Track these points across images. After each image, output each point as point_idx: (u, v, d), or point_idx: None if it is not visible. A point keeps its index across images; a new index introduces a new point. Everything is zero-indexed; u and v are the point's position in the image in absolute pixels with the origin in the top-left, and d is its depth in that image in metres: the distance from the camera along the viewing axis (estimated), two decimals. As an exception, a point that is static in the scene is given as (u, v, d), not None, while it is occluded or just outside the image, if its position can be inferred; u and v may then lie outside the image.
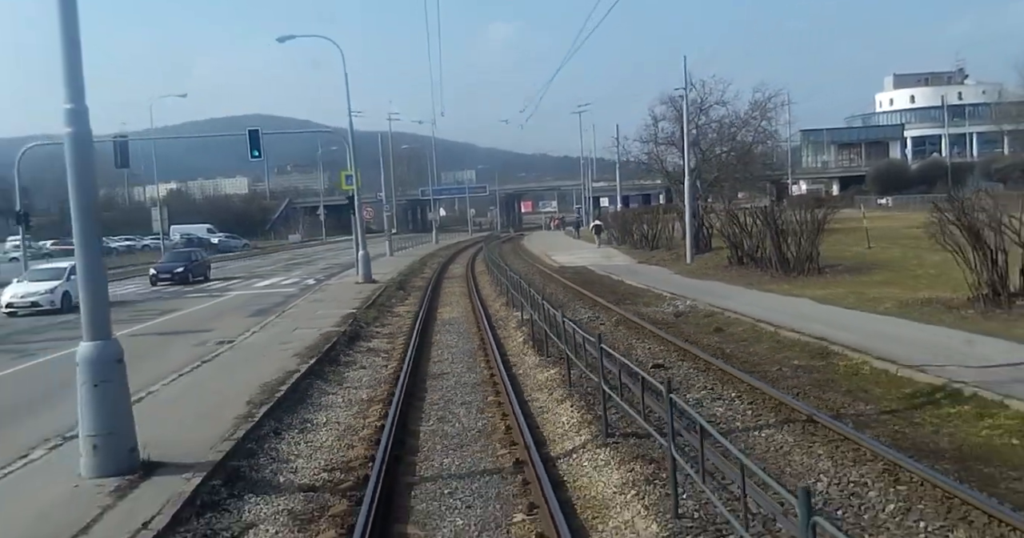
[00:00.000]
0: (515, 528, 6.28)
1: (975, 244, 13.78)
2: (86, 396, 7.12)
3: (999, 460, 6.71)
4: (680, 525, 5.66)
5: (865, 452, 6.99)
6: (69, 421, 8.12)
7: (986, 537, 5.30)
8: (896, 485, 6.28)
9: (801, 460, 7.15)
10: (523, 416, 9.25)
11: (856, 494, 6.25)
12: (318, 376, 12.05)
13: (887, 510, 5.89)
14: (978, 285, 13.82)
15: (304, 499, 7.11)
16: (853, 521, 5.75)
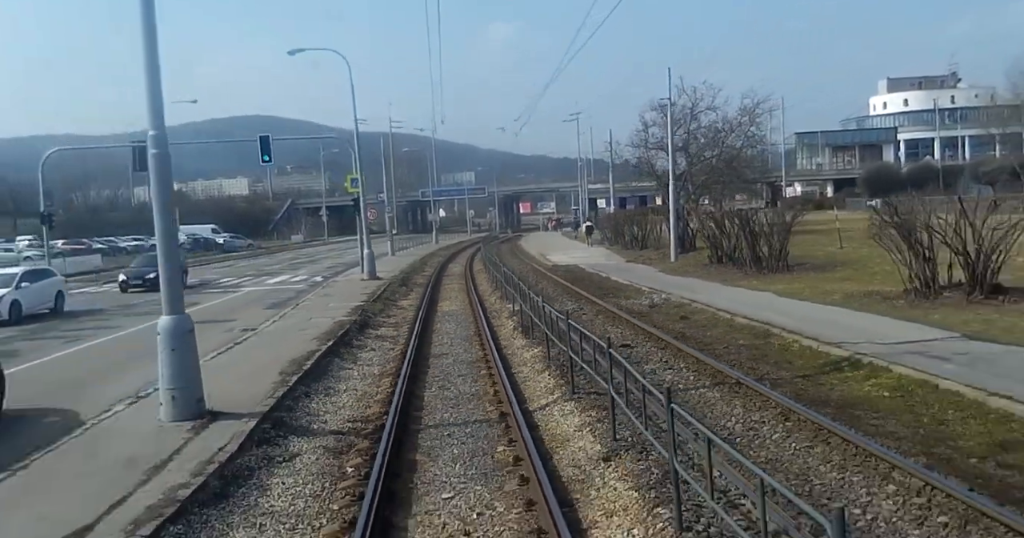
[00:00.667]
0: (498, 454, 8.37)
1: (908, 243, 15.89)
2: (166, 358, 9.22)
3: (868, 406, 8.82)
4: (617, 445, 7.77)
5: (770, 402, 9.09)
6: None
7: (835, 451, 7.40)
8: (784, 422, 8.39)
9: (721, 408, 9.27)
10: (509, 383, 11.35)
11: (754, 429, 8.37)
12: (336, 355, 14.14)
13: (772, 437, 8.01)
14: (910, 279, 15.93)
15: (335, 439, 9.20)
16: (746, 443, 7.85)
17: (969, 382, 8.95)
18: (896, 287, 16.88)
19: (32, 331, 19.38)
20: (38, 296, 22.38)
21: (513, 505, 6.88)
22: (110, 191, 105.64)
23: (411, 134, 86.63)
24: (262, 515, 6.85)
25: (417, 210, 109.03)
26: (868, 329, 12.91)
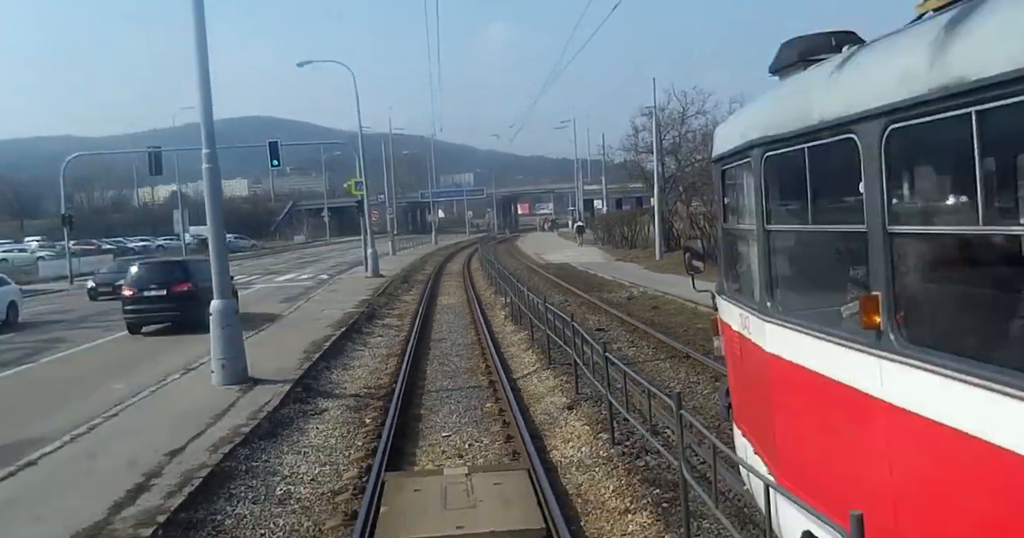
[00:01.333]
0: (486, 408, 10.57)
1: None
2: (217, 334, 11.43)
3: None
4: (578, 398, 9.99)
5: (708, 369, 11.28)
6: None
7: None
8: (715, 382, 10.59)
9: (669, 373, 11.51)
10: (498, 359, 13.56)
11: (690, 387, 10.59)
12: (348, 339, 16.35)
13: (704, 393, 10.21)
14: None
15: (354, 400, 11.40)
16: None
17: None
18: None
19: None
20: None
21: (496, 439, 9.09)
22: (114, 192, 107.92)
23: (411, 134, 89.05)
24: (304, 447, 9.04)
25: (417, 211, 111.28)
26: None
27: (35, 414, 10.55)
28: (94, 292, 27.71)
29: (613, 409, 8.11)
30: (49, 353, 16.39)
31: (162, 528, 6.21)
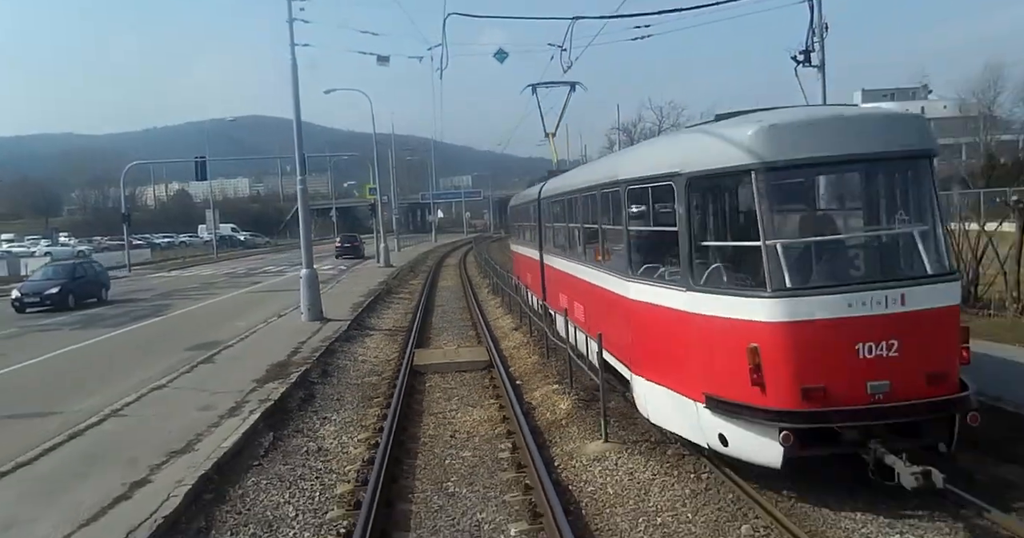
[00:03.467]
0: (470, 334, 18.12)
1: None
2: (305, 290, 19.03)
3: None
4: (520, 324, 17.57)
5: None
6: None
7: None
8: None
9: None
10: (479, 312, 21.10)
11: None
12: (377, 303, 23.88)
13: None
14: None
15: (387, 332, 18.92)
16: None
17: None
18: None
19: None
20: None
21: (473, 341, 16.64)
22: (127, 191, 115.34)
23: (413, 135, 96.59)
24: (366, 346, 16.56)
25: (417, 211, 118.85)
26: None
27: (204, 333, 18.11)
28: (19, 303, 25.67)
29: (534, 325, 15.65)
30: (168, 311, 24.04)
31: (309, 364, 13.74)
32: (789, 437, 6.31)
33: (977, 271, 15.48)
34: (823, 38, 19.44)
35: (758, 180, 6.74)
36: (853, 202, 7.97)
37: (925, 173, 7.01)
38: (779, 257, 6.58)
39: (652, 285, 8.16)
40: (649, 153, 9.31)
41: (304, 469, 8.59)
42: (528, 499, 7.33)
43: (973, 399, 6.60)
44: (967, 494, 6.59)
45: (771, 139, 6.74)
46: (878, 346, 6.39)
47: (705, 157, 7.25)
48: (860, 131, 6.88)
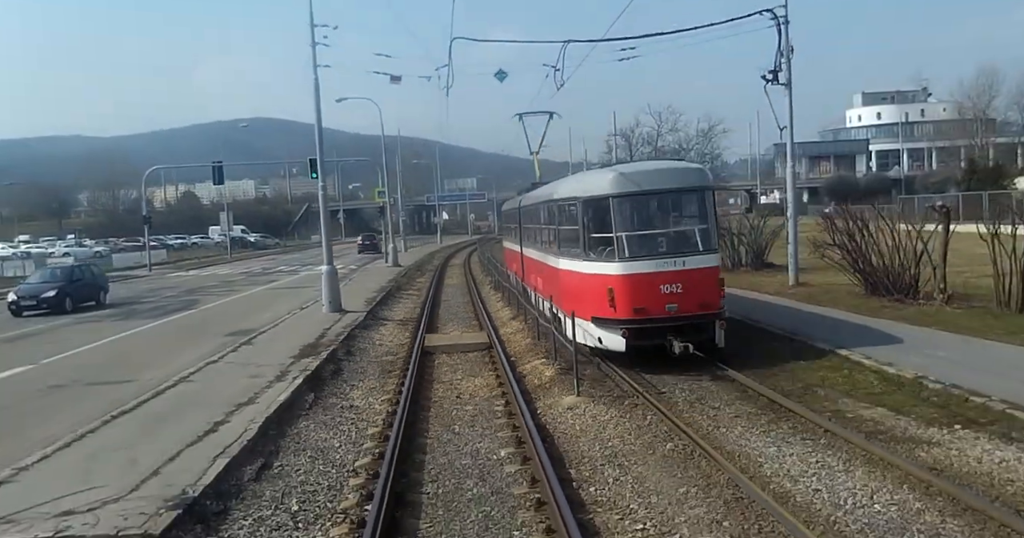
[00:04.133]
0: (473, 322, 20.61)
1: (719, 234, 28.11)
2: (326, 285, 21.56)
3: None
4: (518, 313, 20.06)
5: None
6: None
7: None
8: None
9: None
10: (481, 304, 23.59)
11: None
12: (389, 298, 26.39)
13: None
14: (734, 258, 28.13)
15: (399, 322, 21.41)
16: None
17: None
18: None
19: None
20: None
21: (480, 327, 19.10)
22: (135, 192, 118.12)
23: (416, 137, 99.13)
24: (382, 333, 19.04)
25: (423, 213, 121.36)
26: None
27: (237, 323, 20.61)
28: (16, 307, 25.74)
29: (528, 314, 18.11)
30: (198, 305, 26.58)
31: (335, 345, 16.20)
32: (627, 333, 12.07)
33: (917, 267, 17.87)
34: (789, 60, 21.92)
35: (612, 202, 12.59)
36: (663, 213, 13.35)
37: (702, 198, 12.91)
38: (623, 242, 12.38)
39: (569, 258, 13.74)
40: (568, 184, 15.39)
41: (341, 418, 11.06)
42: (515, 434, 9.78)
43: (724, 315, 12.47)
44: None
45: (618, 181, 12.68)
46: (671, 287, 12.10)
47: (592, 188, 13.18)
48: (666, 177, 13.23)
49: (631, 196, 12.69)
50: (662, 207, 13.28)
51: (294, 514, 7.41)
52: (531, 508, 7.30)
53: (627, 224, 12.65)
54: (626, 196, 12.62)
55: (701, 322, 12.20)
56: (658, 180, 12.98)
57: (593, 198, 12.94)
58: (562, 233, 14.42)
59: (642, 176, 12.89)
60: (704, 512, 6.87)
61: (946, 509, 6.54)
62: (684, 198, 13.26)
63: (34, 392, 13.08)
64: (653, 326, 12.06)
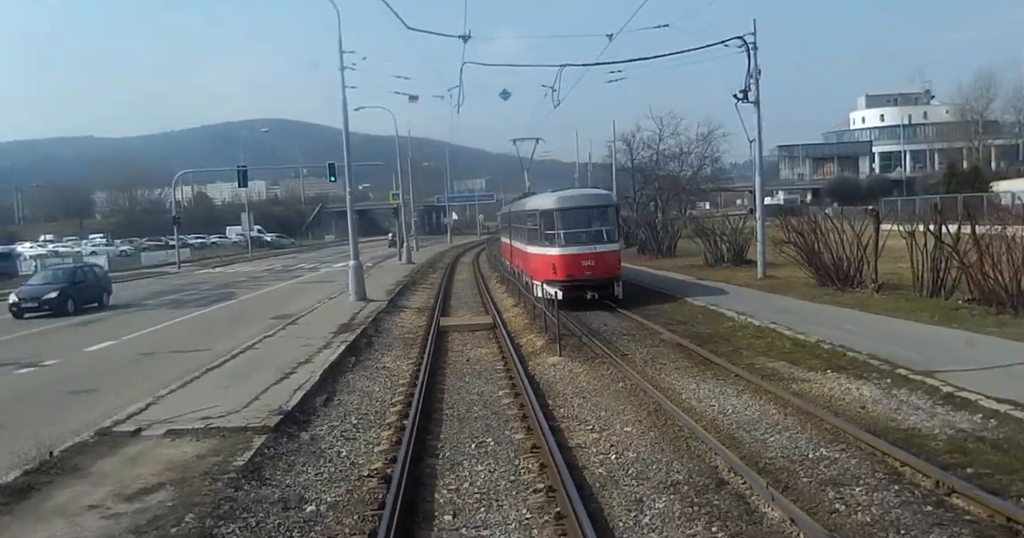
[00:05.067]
0: (479, 306, 24.10)
1: (703, 233, 31.52)
2: (352, 277, 25.11)
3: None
4: (518, 301, 23.53)
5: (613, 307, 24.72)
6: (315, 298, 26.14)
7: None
8: (610, 315, 24.14)
9: (601, 316, 25.06)
10: (488, 294, 27.07)
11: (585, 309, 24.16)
12: (406, 290, 29.88)
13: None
14: (707, 253, 31.54)
15: (417, 309, 24.89)
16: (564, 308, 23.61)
17: (696, 295, 24.59)
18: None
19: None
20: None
21: (487, 312, 22.56)
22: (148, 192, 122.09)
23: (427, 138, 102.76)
24: (402, 318, 22.50)
25: (433, 214, 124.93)
26: (678, 280, 28.46)
27: (277, 309, 24.12)
28: (17, 309, 25.58)
29: (528, 301, 21.55)
30: (235, 297, 30.15)
31: (365, 325, 19.66)
32: (563, 288, 20.54)
33: (860, 261, 21.19)
34: (757, 81, 25.33)
35: (555, 213, 21.23)
36: (584, 219, 21.32)
37: (606, 211, 21.72)
38: (561, 236, 20.90)
39: (533, 245, 21.94)
40: (533, 201, 24.13)
41: (377, 374, 14.52)
42: (511, 382, 13.21)
43: (620, 278, 21.43)
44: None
45: (559, 200, 21.72)
46: (588, 261, 20.71)
47: (544, 204, 21.93)
48: (587, 199, 22.34)
49: (565, 209, 21.27)
50: (584, 216, 21.40)
51: (355, 425, 10.88)
52: (518, 420, 10.75)
53: (564, 225, 21.02)
54: (563, 209, 21.26)
55: (606, 282, 20.93)
56: (583, 201, 21.90)
57: (545, 210, 21.54)
58: (528, 231, 22.90)
59: (573, 198, 21.94)
60: (633, 418, 10.30)
61: (790, 413, 9.95)
62: (596, 211, 21.65)
63: (133, 357, 16.63)
64: (577, 284, 20.70)
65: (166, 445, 9.35)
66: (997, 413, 9.05)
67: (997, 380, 10.12)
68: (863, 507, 6.90)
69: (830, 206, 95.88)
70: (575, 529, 6.67)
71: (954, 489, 6.99)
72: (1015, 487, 7.06)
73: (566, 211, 21.14)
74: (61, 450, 9.00)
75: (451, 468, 8.82)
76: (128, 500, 7.52)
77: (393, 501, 7.40)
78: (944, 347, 12.61)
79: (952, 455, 7.98)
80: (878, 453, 8.13)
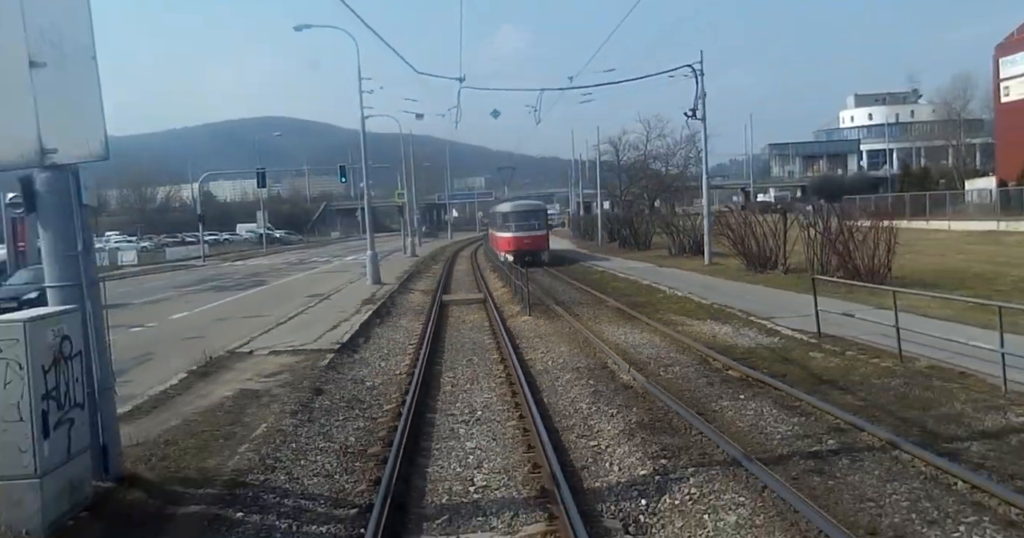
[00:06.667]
0: (474, 290, 29.99)
1: (668, 229, 37.40)
2: (369, 265, 31.05)
3: (608, 282, 30.38)
4: (509, 290, 29.42)
5: (578, 286, 30.57)
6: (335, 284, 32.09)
7: (586, 295, 28.97)
8: (574, 291, 29.97)
9: (567, 293, 30.89)
10: (483, 280, 32.96)
11: (572, 295, 30.00)
12: (411, 277, 35.78)
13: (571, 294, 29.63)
14: (670, 248, 37.41)
15: (423, 291, 30.78)
16: (554, 291, 29.44)
17: (647, 278, 30.46)
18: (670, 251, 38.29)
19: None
20: None
21: (476, 287, 28.45)
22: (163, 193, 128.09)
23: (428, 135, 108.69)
24: (410, 299, 28.39)
25: (433, 211, 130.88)
26: (641, 267, 34.33)
27: (308, 291, 30.01)
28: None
29: (516, 284, 27.43)
30: (267, 283, 36.08)
31: (383, 300, 25.52)
32: (514, 255, 34.62)
33: (784, 248, 27.02)
34: (704, 102, 31.23)
35: (509, 213, 39.61)
36: (525, 216, 38.91)
37: (540, 211, 40.72)
38: (512, 226, 38.47)
39: (499, 231, 40.48)
40: (500, 206, 44.97)
41: (397, 329, 20.38)
42: (493, 332, 19.07)
43: (548, 248, 39.42)
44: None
45: (512, 206, 41.11)
46: (527, 240, 37.90)
47: (504, 209, 41.74)
48: (527, 205, 41.41)
49: (515, 211, 39.26)
50: (524, 215, 38.83)
51: (386, 352, 16.76)
52: (495, 351, 16.64)
53: (514, 220, 38.44)
54: (513, 211, 39.29)
55: (537, 252, 37.81)
56: (524, 207, 40.54)
57: (504, 212, 40.26)
58: (498, 224, 40.03)
59: (519, 205, 40.86)
60: (568, 346, 16.19)
61: (666, 340, 15.84)
62: (531, 213, 39.69)
63: (212, 320, 22.53)
64: (521, 252, 35.96)
65: (273, 357, 15.25)
66: (785, 336, 14.97)
67: (801, 322, 15.96)
68: (676, 375, 12.79)
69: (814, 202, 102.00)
70: (520, 390, 12.49)
71: (730, 367, 12.85)
72: (765, 365, 12.90)
73: (515, 212, 39.34)
74: (212, 358, 14.89)
75: (450, 369, 14.74)
76: (265, 377, 13.41)
77: (416, 382, 13.24)
78: (789, 306, 18.50)
79: (743, 355, 13.84)
80: (703, 355, 14.02)
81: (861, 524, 6.55)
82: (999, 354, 9.93)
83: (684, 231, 37.27)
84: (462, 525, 7.46)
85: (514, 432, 10.35)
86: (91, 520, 6.80)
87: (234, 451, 9.13)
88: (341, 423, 10.99)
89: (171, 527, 6.93)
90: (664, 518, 7.19)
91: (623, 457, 8.82)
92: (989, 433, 8.66)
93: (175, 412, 11.01)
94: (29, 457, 6.31)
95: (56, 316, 6.85)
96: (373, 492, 8.06)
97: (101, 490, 7.31)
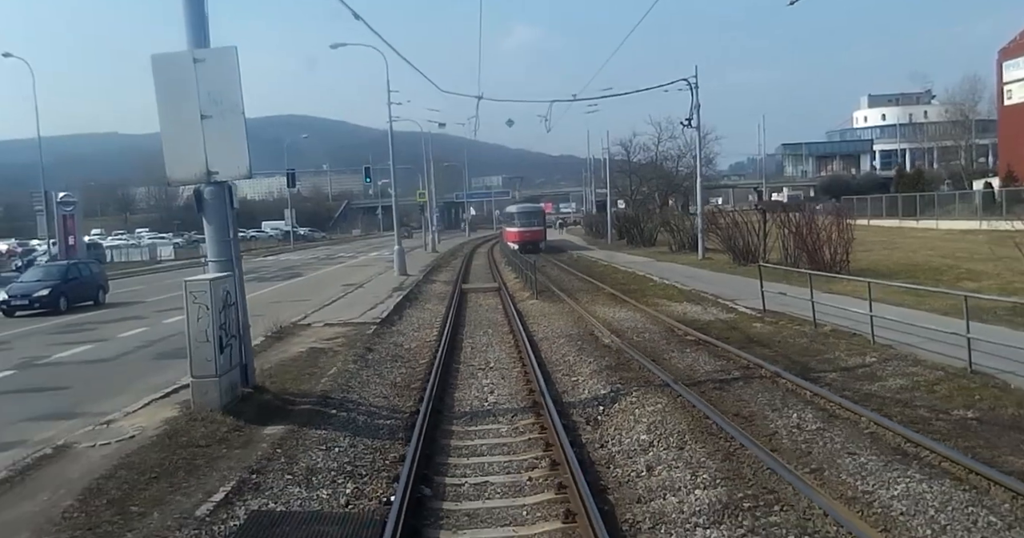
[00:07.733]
0: (490, 280, 33.93)
1: (668, 227, 41.17)
2: (397, 258, 35.10)
3: (606, 273, 34.24)
4: (519, 277, 33.35)
5: (585, 278, 34.44)
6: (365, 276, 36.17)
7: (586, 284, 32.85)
8: (577, 281, 33.85)
9: (571, 282, 34.77)
10: (499, 274, 36.88)
11: (576, 286, 33.88)
12: (433, 270, 39.78)
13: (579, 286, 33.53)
14: (671, 245, 41.16)
15: (444, 281, 34.76)
16: (563, 283, 33.32)
17: (643, 270, 34.32)
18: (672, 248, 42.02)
19: None
20: None
21: (491, 284, 32.38)
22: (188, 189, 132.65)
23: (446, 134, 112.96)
24: (434, 285, 32.35)
25: (451, 210, 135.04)
26: (641, 261, 38.14)
27: (342, 281, 34.05)
28: (6, 306, 25.63)
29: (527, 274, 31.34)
30: (303, 275, 40.23)
31: (410, 288, 29.49)
32: (518, 245, 47.38)
33: (764, 244, 30.75)
34: (699, 113, 34.99)
35: (516, 213, 54.71)
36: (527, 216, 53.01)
37: (539, 212, 56.16)
38: (517, 223, 52.75)
39: (508, 227, 55.06)
40: (509, 207, 63.04)
41: (425, 311, 24.32)
42: (505, 312, 22.98)
43: (544, 239, 52.77)
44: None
45: (517, 207, 58.12)
46: (528, 234, 50.77)
47: (511, 209, 58.59)
48: (529, 207, 58.18)
49: (519, 212, 54.17)
50: (526, 215, 52.89)
51: (418, 326, 20.72)
52: (506, 325, 20.55)
53: (518, 218, 52.78)
54: (518, 212, 54.43)
55: (536, 242, 49.86)
56: (526, 208, 56.46)
57: (509, 212, 56.82)
58: (507, 221, 56.26)
59: (522, 207, 58.50)
60: (565, 321, 20.07)
61: (645, 316, 19.69)
62: (532, 213, 54.24)
63: (268, 302, 26.49)
64: (523, 242, 48.27)
65: (328, 328, 19.25)
66: (740, 313, 18.82)
67: (757, 302, 19.74)
68: (645, 339, 16.64)
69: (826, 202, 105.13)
70: (526, 350, 16.36)
71: (688, 334, 16.69)
72: (716, 332, 16.72)
73: (519, 213, 53.74)
74: (281, 327, 18.91)
75: (469, 337, 18.72)
76: (326, 340, 17.41)
77: (444, 345, 17.17)
78: (755, 291, 22.24)
79: (702, 326, 17.65)
80: (670, 326, 17.86)
81: (730, 412, 10.41)
82: (868, 317, 13.77)
83: (683, 230, 41.02)
84: (479, 421, 11.39)
85: (518, 374, 14.30)
86: (244, 407, 10.79)
87: (318, 381, 13.11)
88: (389, 369, 14.99)
89: (293, 414, 10.92)
90: (612, 415, 11.07)
91: (592, 385, 12.71)
92: (847, 368, 12.50)
93: (266, 359, 15.03)
94: (212, 365, 10.32)
95: (223, 278, 10.88)
96: (419, 405, 11.99)
97: (243, 393, 11.32)
